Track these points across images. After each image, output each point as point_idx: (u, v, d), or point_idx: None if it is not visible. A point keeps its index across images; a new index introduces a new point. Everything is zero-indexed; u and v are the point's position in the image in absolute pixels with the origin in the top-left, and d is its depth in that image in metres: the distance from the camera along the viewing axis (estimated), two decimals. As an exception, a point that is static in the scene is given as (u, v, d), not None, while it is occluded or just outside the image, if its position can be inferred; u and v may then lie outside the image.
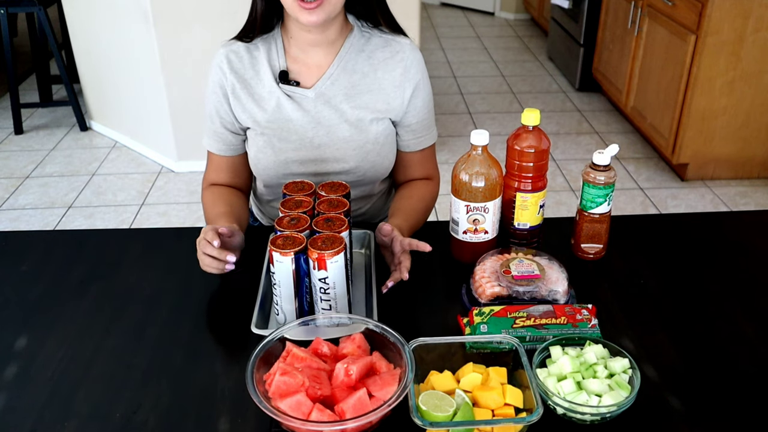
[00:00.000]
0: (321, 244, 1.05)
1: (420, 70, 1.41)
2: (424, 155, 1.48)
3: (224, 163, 1.45)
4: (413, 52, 1.40)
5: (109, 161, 3.62)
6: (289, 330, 1.00)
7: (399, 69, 1.38)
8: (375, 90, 1.37)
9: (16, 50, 4.13)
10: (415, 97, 1.40)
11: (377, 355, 0.98)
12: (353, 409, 0.88)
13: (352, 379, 0.93)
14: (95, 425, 0.96)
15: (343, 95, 1.37)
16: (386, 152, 1.42)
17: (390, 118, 1.40)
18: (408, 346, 0.95)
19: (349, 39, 1.38)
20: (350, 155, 1.38)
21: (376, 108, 1.37)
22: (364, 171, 1.41)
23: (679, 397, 0.99)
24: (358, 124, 1.37)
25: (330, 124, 1.37)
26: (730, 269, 1.29)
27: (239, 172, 1.47)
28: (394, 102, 1.38)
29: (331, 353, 0.99)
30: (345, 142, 1.38)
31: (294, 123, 1.37)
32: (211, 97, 1.40)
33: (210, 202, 1.41)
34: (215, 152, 1.44)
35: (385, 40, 1.39)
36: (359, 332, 1.01)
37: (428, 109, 1.44)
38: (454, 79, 4.72)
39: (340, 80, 1.37)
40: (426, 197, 1.44)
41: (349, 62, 1.37)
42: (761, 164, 3.31)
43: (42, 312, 1.18)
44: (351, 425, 0.87)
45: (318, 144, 1.38)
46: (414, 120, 1.42)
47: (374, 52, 1.38)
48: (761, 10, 2.92)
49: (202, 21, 3.11)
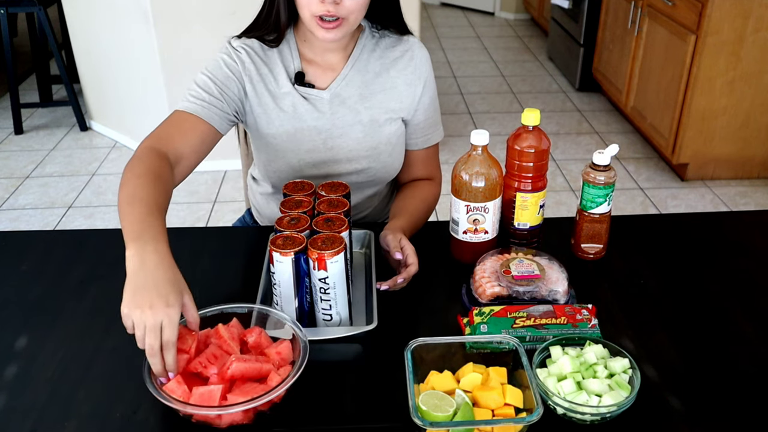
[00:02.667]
0: (321, 244, 1.05)
1: (428, 68, 1.42)
2: (429, 154, 1.48)
3: (198, 128, 1.25)
4: (421, 50, 1.41)
5: (109, 161, 3.62)
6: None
7: (410, 67, 1.39)
8: (388, 89, 1.38)
9: (16, 50, 4.13)
10: (424, 95, 1.41)
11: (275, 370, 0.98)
12: (199, 397, 0.91)
13: (227, 373, 0.94)
14: (95, 425, 0.96)
15: (357, 96, 1.37)
16: (397, 153, 1.43)
17: (402, 117, 1.40)
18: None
19: (361, 40, 1.38)
20: (362, 156, 1.39)
21: (389, 107, 1.38)
22: (375, 171, 1.41)
23: (679, 397, 0.99)
24: (371, 125, 1.37)
25: (344, 125, 1.37)
26: (730, 269, 1.29)
27: (200, 149, 1.26)
28: (406, 100, 1.39)
29: (255, 344, 1.01)
30: (358, 143, 1.38)
31: (309, 125, 1.36)
32: (215, 71, 1.31)
33: (152, 173, 1.12)
34: (196, 113, 1.26)
35: (395, 40, 1.40)
36: (288, 341, 1.02)
37: (435, 107, 1.45)
38: (454, 79, 4.72)
39: (354, 81, 1.37)
40: (428, 198, 1.45)
41: (362, 62, 1.37)
42: (761, 164, 3.31)
43: (42, 312, 1.18)
44: (180, 407, 0.90)
45: (331, 146, 1.38)
46: (422, 117, 1.43)
47: (386, 52, 1.39)
48: (761, 10, 2.92)
49: (202, 21, 3.11)
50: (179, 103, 1.29)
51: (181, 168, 1.22)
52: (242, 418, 0.93)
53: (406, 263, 1.18)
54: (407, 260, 1.18)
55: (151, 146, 1.19)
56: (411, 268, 1.17)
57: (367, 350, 1.09)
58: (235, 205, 3.14)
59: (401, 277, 1.16)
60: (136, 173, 1.11)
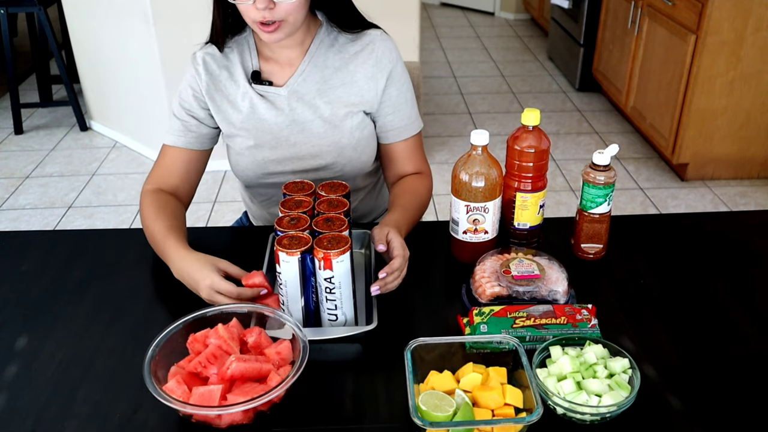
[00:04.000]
0: (327, 243, 1.05)
1: (392, 59, 1.39)
2: (409, 147, 1.45)
3: (181, 159, 1.38)
4: (384, 42, 1.39)
5: (109, 161, 3.62)
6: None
7: (370, 60, 1.38)
8: (348, 83, 1.38)
9: (16, 50, 4.13)
10: (389, 86, 1.39)
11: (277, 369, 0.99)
12: (199, 397, 0.91)
13: (227, 373, 0.95)
14: (95, 425, 0.96)
15: (315, 91, 1.37)
16: (363, 147, 1.41)
17: (364, 110, 1.39)
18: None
19: (318, 35, 1.39)
20: (326, 151, 1.39)
21: (349, 101, 1.38)
22: (342, 166, 1.41)
23: (679, 397, 0.99)
24: (332, 120, 1.38)
25: (304, 121, 1.38)
26: (730, 269, 1.29)
27: (191, 174, 1.40)
28: (367, 94, 1.38)
29: (255, 344, 1.01)
30: (320, 138, 1.38)
31: (269, 122, 1.38)
32: (183, 95, 1.40)
33: (154, 209, 1.30)
34: (176, 145, 1.38)
35: (355, 35, 1.40)
36: (288, 341, 1.02)
37: (406, 99, 1.42)
38: (454, 79, 4.72)
39: (312, 76, 1.38)
40: (419, 191, 1.41)
41: (320, 58, 1.38)
42: (761, 164, 3.31)
43: (42, 312, 1.18)
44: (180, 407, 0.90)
45: (294, 142, 1.39)
46: (391, 110, 1.41)
47: (345, 46, 1.39)
48: (761, 10, 2.92)
49: (202, 21, 3.09)
50: (165, 136, 1.41)
51: (181, 194, 1.39)
52: (242, 418, 0.93)
53: (390, 256, 1.16)
54: (391, 253, 1.15)
55: (147, 189, 1.36)
56: (394, 261, 1.13)
57: (367, 350, 1.09)
58: (235, 205, 3.14)
59: (383, 272, 1.12)
60: (144, 215, 1.31)
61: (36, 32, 4.04)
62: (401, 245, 1.15)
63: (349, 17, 1.39)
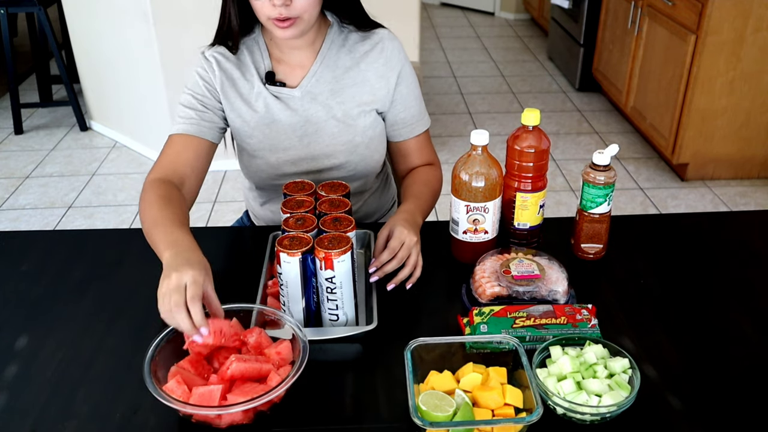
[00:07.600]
0: (328, 243, 1.05)
1: (401, 58, 1.42)
2: (420, 142, 1.48)
3: (192, 147, 1.32)
4: (392, 41, 1.41)
5: (109, 161, 3.62)
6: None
7: (381, 59, 1.39)
8: (360, 83, 1.39)
9: (16, 50, 4.12)
10: (399, 84, 1.41)
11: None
12: (199, 397, 0.91)
13: (227, 373, 0.95)
14: (95, 425, 0.96)
15: (328, 91, 1.38)
16: (375, 145, 1.43)
17: (377, 109, 1.41)
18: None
19: (329, 35, 1.39)
20: (340, 150, 1.40)
21: (362, 100, 1.39)
22: (355, 165, 1.42)
23: (679, 397, 0.99)
24: (345, 119, 1.38)
25: (318, 121, 1.38)
26: (730, 269, 1.29)
27: (200, 166, 1.33)
28: (379, 92, 1.40)
29: (255, 344, 1.01)
30: (333, 137, 1.39)
31: (283, 123, 1.38)
32: (195, 87, 1.37)
33: (163, 198, 1.20)
34: (188, 132, 1.33)
35: (364, 34, 1.41)
36: (288, 341, 1.02)
37: (415, 96, 1.45)
38: (454, 79, 4.72)
39: (324, 77, 1.38)
40: (431, 180, 1.44)
41: (331, 58, 1.39)
42: (761, 164, 3.31)
43: (42, 312, 1.18)
44: (180, 407, 0.90)
45: (308, 142, 1.39)
46: (402, 108, 1.43)
47: (355, 46, 1.40)
48: (761, 10, 2.92)
49: (202, 21, 3.09)
50: (171, 128, 1.35)
51: (188, 188, 1.30)
52: (242, 418, 0.93)
53: (374, 254, 1.20)
54: (374, 252, 1.20)
55: (153, 178, 1.27)
56: (382, 256, 1.17)
57: (367, 350, 1.09)
58: (235, 205, 3.14)
59: (372, 266, 1.17)
60: (149, 202, 1.19)
61: (36, 32, 4.04)
62: (401, 234, 1.19)
63: (358, 16, 1.40)
